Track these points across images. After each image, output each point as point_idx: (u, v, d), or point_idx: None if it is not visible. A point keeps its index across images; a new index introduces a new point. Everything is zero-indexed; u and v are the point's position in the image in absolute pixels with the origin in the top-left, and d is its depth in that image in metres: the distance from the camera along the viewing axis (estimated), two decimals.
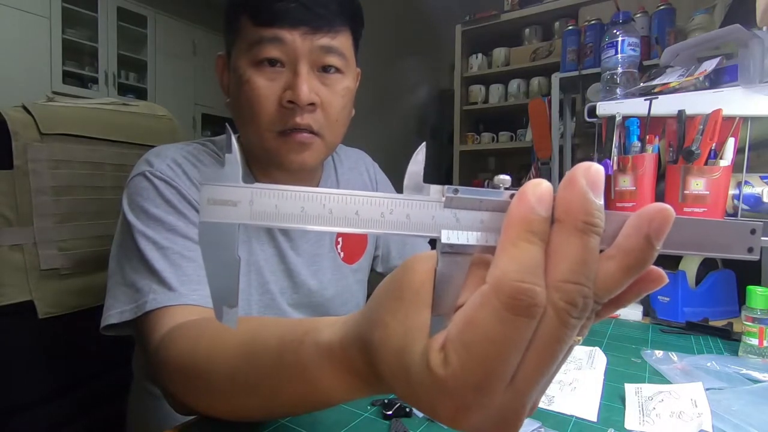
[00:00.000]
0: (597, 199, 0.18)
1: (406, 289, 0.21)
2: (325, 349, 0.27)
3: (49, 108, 0.70)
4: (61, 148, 0.68)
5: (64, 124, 0.69)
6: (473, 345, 0.19)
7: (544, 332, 0.18)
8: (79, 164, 0.70)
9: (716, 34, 0.82)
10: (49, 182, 0.66)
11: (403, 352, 0.21)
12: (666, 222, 0.18)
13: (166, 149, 0.59)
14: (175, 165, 0.56)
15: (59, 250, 0.68)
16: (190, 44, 3.77)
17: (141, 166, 0.56)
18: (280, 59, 0.54)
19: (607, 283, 0.19)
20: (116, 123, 0.77)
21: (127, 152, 0.77)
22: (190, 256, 0.51)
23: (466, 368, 0.19)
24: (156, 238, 0.51)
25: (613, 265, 0.18)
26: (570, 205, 0.18)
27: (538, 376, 0.19)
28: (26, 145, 0.64)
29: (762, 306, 0.58)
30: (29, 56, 2.84)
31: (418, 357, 0.20)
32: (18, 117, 0.65)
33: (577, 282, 0.18)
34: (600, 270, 0.19)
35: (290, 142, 0.56)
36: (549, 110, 1.90)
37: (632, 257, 0.18)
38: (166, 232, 0.52)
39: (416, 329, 0.20)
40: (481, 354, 0.19)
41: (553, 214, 0.19)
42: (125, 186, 0.56)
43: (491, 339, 0.18)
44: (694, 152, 0.73)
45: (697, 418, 0.40)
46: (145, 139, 0.80)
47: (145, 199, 0.53)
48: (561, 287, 0.18)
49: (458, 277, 0.20)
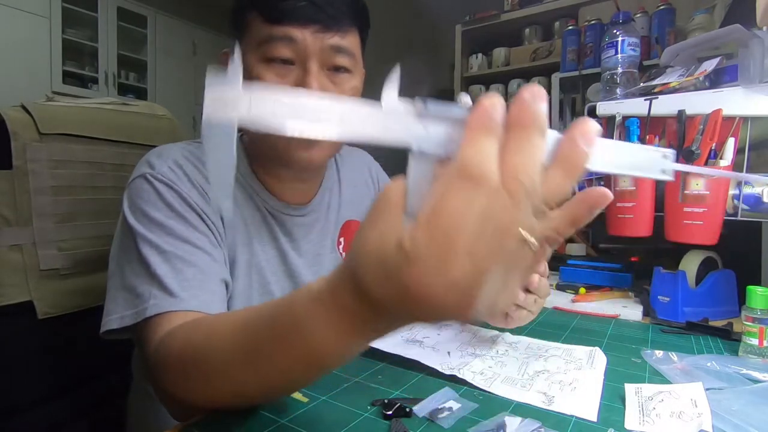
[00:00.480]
0: (540, 107, 0.23)
1: (382, 202, 0.25)
2: (315, 296, 0.29)
3: (49, 108, 0.70)
4: (61, 148, 0.68)
5: (63, 124, 0.69)
6: (434, 217, 0.22)
7: (498, 212, 0.22)
8: (79, 164, 0.70)
9: (716, 34, 0.82)
10: (49, 182, 0.66)
11: (381, 250, 0.23)
12: (592, 132, 0.24)
13: (167, 149, 0.58)
14: (176, 166, 0.56)
15: (59, 251, 0.68)
16: (190, 44, 3.77)
17: (142, 168, 0.56)
18: (291, 59, 0.53)
19: (551, 187, 0.23)
20: (116, 123, 0.77)
21: (126, 152, 0.77)
22: (191, 260, 0.51)
23: (429, 238, 0.22)
24: (157, 242, 0.50)
25: (554, 170, 0.24)
26: (519, 112, 0.23)
27: (495, 257, 0.22)
28: (25, 145, 0.64)
29: (762, 306, 0.58)
30: (29, 56, 2.85)
31: (393, 247, 0.23)
32: (17, 117, 0.65)
33: (525, 169, 0.22)
34: (546, 175, 0.23)
35: (298, 140, 0.55)
36: (549, 110, 1.90)
37: (569, 162, 0.24)
38: (167, 236, 0.51)
39: (391, 229, 0.23)
40: (441, 225, 0.22)
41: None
42: (126, 187, 0.56)
43: (449, 211, 0.22)
44: (694, 152, 0.73)
45: (697, 418, 0.40)
46: (144, 139, 0.80)
47: (146, 202, 0.53)
48: (512, 171, 0.22)
49: (426, 179, 0.23)
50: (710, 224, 0.74)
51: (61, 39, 3.01)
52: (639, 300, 0.85)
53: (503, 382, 0.48)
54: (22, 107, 0.66)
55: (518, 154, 0.22)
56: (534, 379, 0.49)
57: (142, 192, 0.53)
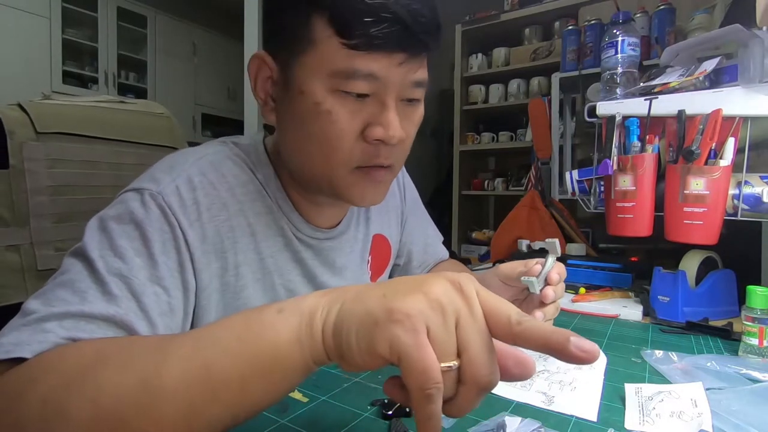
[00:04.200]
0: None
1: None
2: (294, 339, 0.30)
3: (45, 106, 0.70)
4: (58, 146, 0.68)
5: (60, 122, 0.69)
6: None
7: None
8: (76, 163, 0.70)
9: (716, 34, 0.82)
10: (46, 182, 0.66)
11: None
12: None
13: (183, 162, 0.49)
14: (187, 190, 0.46)
15: (56, 251, 0.68)
16: (190, 44, 3.77)
17: (144, 181, 0.46)
18: (368, 92, 0.46)
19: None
20: (113, 121, 0.77)
21: (124, 151, 0.76)
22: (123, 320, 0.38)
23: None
24: (102, 275, 0.39)
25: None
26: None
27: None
28: (22, 144, 0.64)
29: (762, 306, 0.58)
30: (29, 56, 2.85)
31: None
32: (13, 115, 0.64)
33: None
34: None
35: (367, 180, 0.50)
36: (549, 110, 1.89)
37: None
38: (114, 275, 0.39)
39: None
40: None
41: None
42: (120, 192, 0.46)
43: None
44: (694, 152, 0.73)
45: (697, 418, 0.40)
46: (142, 137, 0.79)
47: (120, 222, 0.42)
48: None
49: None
50: (710, 224, 0.74)
51: (61, 39, 3.01)
52: (639, 300, 0.85)
53: (503, 382, 0.48)
54: (19, 106, 0.66)
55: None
56: (534, 379, 0.49)
57: (126, 211, 0.43)
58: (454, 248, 2.79)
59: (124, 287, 0.39)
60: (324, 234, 0.58)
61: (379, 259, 0.69)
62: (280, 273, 0.55)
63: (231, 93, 4.00)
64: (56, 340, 0.34)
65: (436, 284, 0.28)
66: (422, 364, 0.25)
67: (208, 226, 0.47)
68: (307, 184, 0.54)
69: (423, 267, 0.78)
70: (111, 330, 0.37)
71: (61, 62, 3.02)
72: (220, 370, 0.29)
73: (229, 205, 0.50)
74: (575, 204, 1.15)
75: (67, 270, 0.40)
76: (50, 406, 0.29)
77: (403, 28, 0.43)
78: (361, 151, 0.47)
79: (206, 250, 0.47)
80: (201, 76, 3.79)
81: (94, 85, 3.27)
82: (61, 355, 0.33)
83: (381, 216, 0.69)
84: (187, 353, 0.30)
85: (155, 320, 0.40)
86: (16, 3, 2.77)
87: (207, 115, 3.90)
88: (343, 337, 0.28)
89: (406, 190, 0.75)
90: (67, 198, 0.69)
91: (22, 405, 0.30)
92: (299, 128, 0.48)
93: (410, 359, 0.25)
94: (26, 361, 0.33)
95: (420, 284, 0.28)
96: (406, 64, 0.45)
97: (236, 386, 0.29)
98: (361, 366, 0.28)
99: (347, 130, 0.46)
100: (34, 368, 0.32)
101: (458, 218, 2.88)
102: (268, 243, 0.53)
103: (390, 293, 0.27)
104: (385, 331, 0.26)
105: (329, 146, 0.47)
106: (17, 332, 0.35)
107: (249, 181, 0.52)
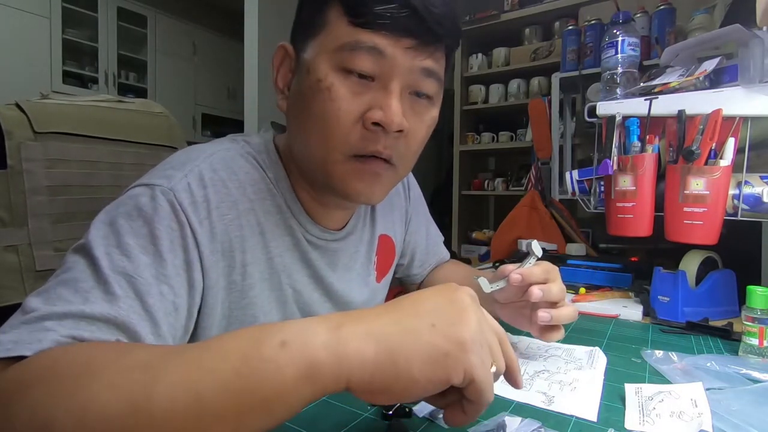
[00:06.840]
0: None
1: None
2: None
3: (43, 106, 0.70)
4: (56, 146, 0.68)
5: (58, 122, 0.68)
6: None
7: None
8: (74, 163, 0.70)
9: (716, 34, 0.82)
10: (44, 182, 0.66)
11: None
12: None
13: (195, 159, 0.48)
14: (198, 187, 0.45)
15: (55, 251, 0.68)
16: (190, 44, 3.77)
17: (154, 176, 0.45)
18: (372, 74, 0.45)
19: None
20: (111, 120, 0.77)
21: (123, 150, 0.76)
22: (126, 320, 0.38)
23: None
24: (105, 274, 0.38)
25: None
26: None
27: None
28: (20, 144, 0.64)
29: (762, 306, 0.57)
30: (29, 56, 2.85)
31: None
32: (11, 115, 0.64)
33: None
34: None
35: (362, 171, 0.47)
36: (549, 110, 1.89)
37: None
38: (120, 274, 0.38)
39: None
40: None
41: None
42: (125, 190, 0.46)
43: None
44: (694, 152, 0.73)
45: (697, 418, 0.40)
46: (141, 136, 0.79)
47: (128, 219, 0.41)
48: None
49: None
50: (710, 224, 0.73)
51: (61, 39, 3.01)
52: (639, 300, 0.85)
53: (503, 382, 0.48)
54: (17, 105, 0.66)
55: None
56: (534, 379, 0.49)
57: (136, 206, 0.42)
58: (454, 248, 2.78)
59: (128, 287, 0.38)
60: (332, 235, 0.58)
61: (385, 260, 0.69)
62: (287, 273, 0.54)
63: (231, 93, 4.00)
64: (56, 338, 0.34)
65: (468, 309, 0.32)
66: (490, 384, 0.31)
67: (217, 224, 0.46)
68: (311, 180, 0.53)
69: (424, 266, 0.78)
70: (111, 331, 0.36)
71: (61, 62, 3.02)
72: (213, 404, 0.27)
73: (239, 203, 0.49)
74: (575, 204, 1.15)
75: (71, 267, 0.39)
76: (39, 416, 0.28)
77: (412, 12, 0.43)
78: (359, 137, 0.46)
79: (214, 248, 0.46)
80: (201, 76, 3.79)
81: (94, 85, 3.27)
82: (56, 360, 0.32)
83: (386, 216, 0.69)
84: (179, 379, 0.28)
85: (159, 320, 0.39)
86: (16, 3, 2.77)
87: (207, 114, 3.90)
88: (399, 371, 0.29)
89: (410, 189, 0.75)
90: (65, 198, 0.69)
91: (13, 412, 0.29)
92: (302, 110, 0.48)
93: (483, 382, 0.30)
94: (25, 359, 0.32)
95: (459, 311, 0.32)
96: (414, 50, 0.45)
97: (232, 419, 0.28)
98: (409, 396, 0.30)
99: (346, 110, 0.45)
100: (28, 372, 0.32)
101: (458, 218, 2.88)
102: (277, 242, 0.52)
103: (439, 323, 0.30)
104: (461, 361, 0.29)
105: (326, 125, 0.46)
106: (17, 330, 0.34)
107: (260, 180, 0.52)
